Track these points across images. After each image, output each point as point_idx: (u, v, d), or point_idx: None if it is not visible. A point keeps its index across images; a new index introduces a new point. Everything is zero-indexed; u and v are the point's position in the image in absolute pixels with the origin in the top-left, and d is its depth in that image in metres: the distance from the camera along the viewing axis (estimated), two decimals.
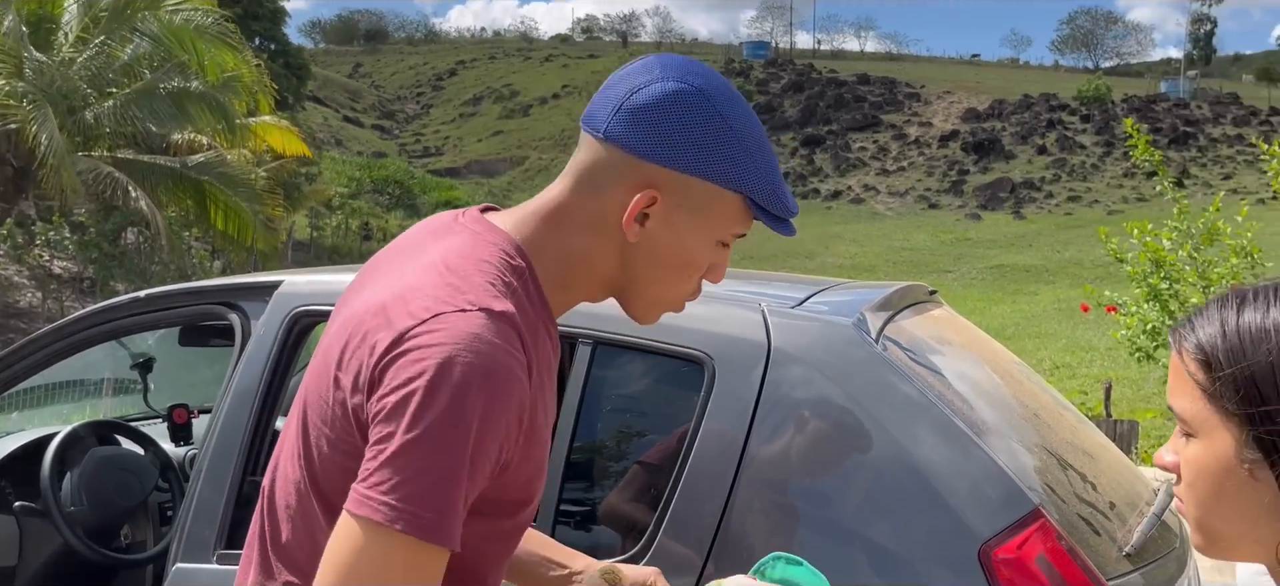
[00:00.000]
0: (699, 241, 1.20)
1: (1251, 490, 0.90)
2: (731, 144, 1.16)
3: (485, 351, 1.06)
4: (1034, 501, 1.71)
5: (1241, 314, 0.91)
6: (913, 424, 1.78)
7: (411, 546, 1.03)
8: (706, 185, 1.16)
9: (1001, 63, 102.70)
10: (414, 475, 1.03)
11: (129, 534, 2.96)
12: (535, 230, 1.20)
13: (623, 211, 1.16)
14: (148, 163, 14.55)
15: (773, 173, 1.19)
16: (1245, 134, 50.02)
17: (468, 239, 1.18)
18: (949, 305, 2.61)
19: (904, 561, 1.72)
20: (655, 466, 1.94)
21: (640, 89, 1.16)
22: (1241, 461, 0.89)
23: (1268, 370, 0.87)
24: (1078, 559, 1.69)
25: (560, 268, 1.20)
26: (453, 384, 1.03)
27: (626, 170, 1.16)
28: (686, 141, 1.14)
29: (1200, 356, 0.93)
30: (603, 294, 1.26)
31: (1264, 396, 0.87)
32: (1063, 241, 35.77)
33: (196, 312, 2.61)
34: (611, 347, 2.01)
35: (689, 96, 1.15)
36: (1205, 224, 8.36)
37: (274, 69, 22.90)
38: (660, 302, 1.26)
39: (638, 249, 1.19)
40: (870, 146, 60.32)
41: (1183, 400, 0.95)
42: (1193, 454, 0.94)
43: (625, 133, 1.15)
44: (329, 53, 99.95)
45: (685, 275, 1.22)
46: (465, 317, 1.07)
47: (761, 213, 1.19)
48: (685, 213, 1.17)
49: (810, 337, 1.90)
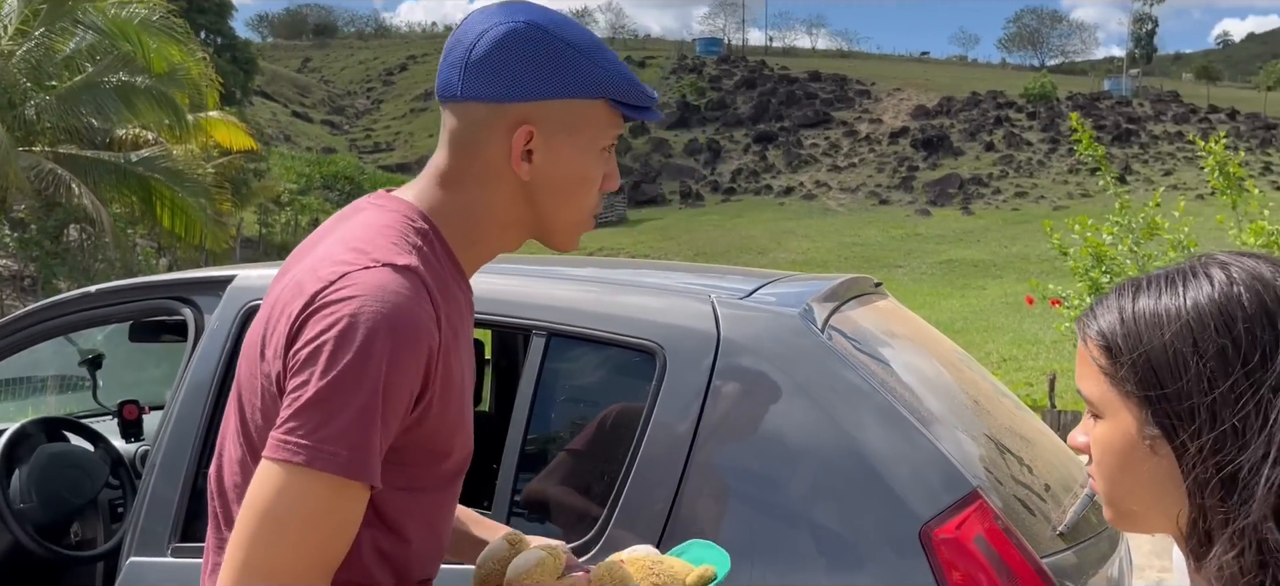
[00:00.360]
0: (585, 156, 1.28)
1: (1153, 465, 0.96)
2: (577, 58, 1.24)
3: (391, 300, 1.12)
4: (972, 484, 1.78)
5: (1136, 301, 0.98)
6: (857, 411, 1.84)
7: (329, 484, 1.09)
8: (570, 103, 1.24)
9: (950, 60, 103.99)
10: (327, 417, 1.09)
11: (79, 531, 2.94)
12: (435, 195, 1.28)
13: (508, 157, 1.24)
14: (91, 158, 14.28)
15: (622, 69, 1.28)
16: (1185, 131, 51.18)
17: (371, 214, 1.26)
18: (897, 299, 2.68)
19: (849, 542, 1.78)
20: (606, 453, 1.98)
21: (477, 43, 1.23)
22: (1143, 438, 0.95)
23: (1161, 353, 0.93)
24: (1013, 538, 1.76)
25: (465, 225, 1.27)
26: (361, 331, 1.10)
27: (496, 118, 1.23)
28: (538, 71, 1.22)
29: (1102, 342, 0.99)
30: (517, 239, 1.33)
31: (1160, 378, 0.93)
32: (1010, 236, 36.38)
33: (149, 307, 2.60)
34: (565, 339, 2.05)
35: (522, 31, 1.23)
36: (1145, 219, 8.58)
37: (221, 64, 22.57)
38: (573, 224, 1.33)
39: (534, 185, 1.26)
40: (822, 143, 60.80)
41: (1088, 383, 1.01)
42: (1100, 433, 1.00)
43: (481, 86, 1.23)
44: (277, 47, 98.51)
45: (584, 191, 1.30)
46: (371, 273, 1.14)
47: (627, 108, 1.28)
48: (563, 134, 1.25)
49: (758, 328, 1.96)
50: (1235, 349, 0.90)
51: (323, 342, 1.10)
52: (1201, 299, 0.94)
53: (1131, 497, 1.00)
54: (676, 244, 40.19)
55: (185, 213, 14.31)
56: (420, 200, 1.28)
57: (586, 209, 1.32)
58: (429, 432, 1.22)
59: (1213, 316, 0.92)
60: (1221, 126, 54.63)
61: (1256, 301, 0.92)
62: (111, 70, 13.55)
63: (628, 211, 52.64)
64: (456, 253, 1.28)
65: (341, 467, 1.09)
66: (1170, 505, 0.95)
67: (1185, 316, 0.93)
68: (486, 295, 2.19)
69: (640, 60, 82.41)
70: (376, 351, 1.10)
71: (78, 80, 13.53)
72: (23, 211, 17.57)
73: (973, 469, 1.84)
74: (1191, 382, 0.91)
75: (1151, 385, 0.94)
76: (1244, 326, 0.91)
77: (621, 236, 44.08)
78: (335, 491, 1.10)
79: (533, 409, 2.02)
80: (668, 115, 67.52)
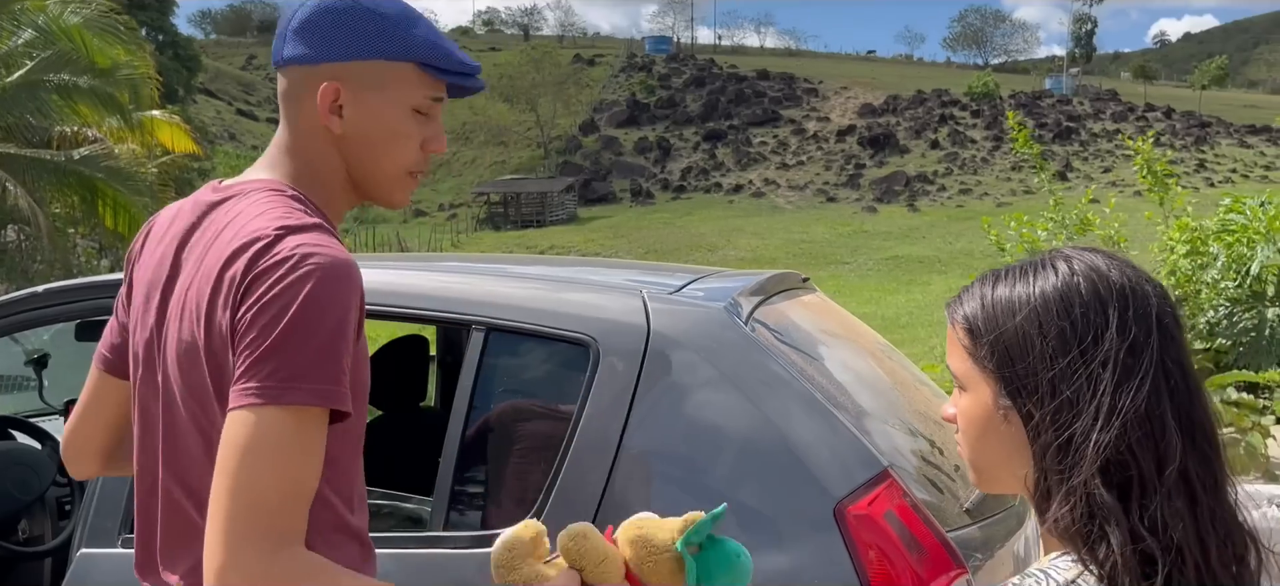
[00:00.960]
0: (392, 112, 1.38)
1: (1006, 432, 1.10)
2: (386, 24, 1.36)
3: (326, 250, 1.24)
4: (883, 464, 1.91)
5: (995, 289, 1.13)
6: (777, 398, 1.97)
7: (299, 415, 1.18)
8: (376, 63, 1.36)
9: (896, 59, 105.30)
10: (291, 357, 1.18)
11: (27, 528, 2.97)
12: (285, 166, 1.40)
13: (319, 113, 1.36)
14: (29, 157, 14.00)
15: (432, 37, 1.38)
16: (1123, 129, 52.37)
17: (249, 198, 1.35)
18: (845, 295, 2.81)
19: (769, 519, 1.90)
20: (543, 441, 2.09)
21: (296, 12, 1.38)
22: (997, 408, 1.10)
23: (1013, 334, 1.08)
24: (921, 513, 1.89)
25: (314, 185, 1.40)
26: (311, 279, 1.21)
27: (309, 79, 1.36)
28: (344, 33, 1.35)
29: (966, 325, 1.13)
30: (351, 197, 1.44)
31: (1011, 355, 1.08)
32: (954, 233, 37.03)
33: (97, 306, 2.65)
34: (503, 333, 2.15)
35: (334, 4, 1.36)
36: (1077, 215, 8.87)
37: (163, 61, 22.21)
38: (391, 178, 1.43)
39: (347, 138, 1.38)
40: (770, 141, 61.32)
41: (955, 360, 1.16)
42: (964, 405, 1.15)
43: (296, 50, 1.36)
44: (221, 44, 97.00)
45: (397, 146, 1.40)
46: (303, 232, 1.27)
47: (439, 72, 1.39)
48: (370, 92, 1.36)
49: (686, 321, 2.07)
50: (1073, 330, 1.05)
51: (274, 296, 1.20)
52: (1047, 287, 1.08)
53: (988, 461, 1.14)
54: (627, 242, 40.33)
55: (128, 212, 14.09)
56: (273, 174, 1.40)
57: (401, 163, 1.42)
58: (358, 363, 1.33)
59: (1055, 303, 1.07)
60: (1157, 124, 55.97)
61: (1092, 290, 1.07)
62: (52, 68, 13.31)
63: (578, 209, 52.71)
64: (324, 210, 1.40)
65: (312, 398, 1.19)
66: (1019, 467, 1.09)
67: (1033, 302, 1.08)
68: (430, 292, 2.30)
69: (590, 58, 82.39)
70: (325, 292, 1.21)
71: (15, 78, 13.27)
72: None
73: (885, 450, 1.98)
74: (1037, 360, 1.06)
75: (1004, 362, 1.08)
76: (1080, 311, 1.05)
77: (572, 234, 44.13)
78: (308, 422, 1.19)
79: (473, 400, 2.12)
80: (617, 113, 67.58)
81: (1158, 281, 1.12)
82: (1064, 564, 1.05)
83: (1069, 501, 1.02)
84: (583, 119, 67.96)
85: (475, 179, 62.08)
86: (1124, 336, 1.04)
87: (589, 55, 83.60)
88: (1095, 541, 1.01)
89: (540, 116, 64.42)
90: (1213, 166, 49.83)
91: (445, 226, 51.21)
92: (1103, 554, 1.01)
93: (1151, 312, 1.07)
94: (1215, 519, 1.04)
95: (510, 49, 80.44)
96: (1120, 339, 1.04)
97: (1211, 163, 50.74)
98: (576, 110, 68.05)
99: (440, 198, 59.93)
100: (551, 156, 63.56)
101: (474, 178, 62.60)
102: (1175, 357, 1.06)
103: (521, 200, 53.13)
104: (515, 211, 52.47)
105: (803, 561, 1.85)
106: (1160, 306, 1.08)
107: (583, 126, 67.15)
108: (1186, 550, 1.00)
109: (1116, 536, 1.00)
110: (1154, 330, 1.06)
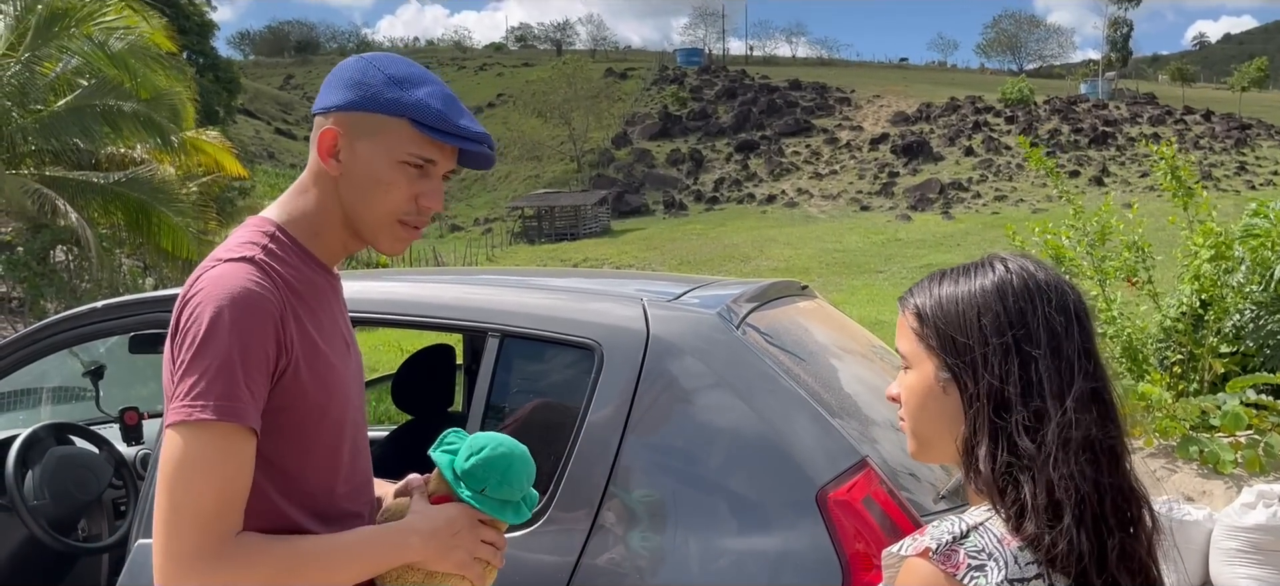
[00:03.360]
0: (380, 161, 1.53)
1: (943, 401, 1.31)
2: (388, 81, 1.52)
3: (228, 282, 1.42)
4: (862, 453, 2.09)
5: (942, 285, 1.36)
6: (765, 394, 2.16)
7: (209, 431, 1.36)
8: (371, 115, 1.51)
9: (929, 66, 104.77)
10: (198, 376, 1.37)
11: (86, 526, 3.22)
12: (286, 202, 1.59)
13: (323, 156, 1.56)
14: (78, 179, 14.46)
15: (430, 102, 1.52)
16: (1161, 133, 51.80)
17: (236, 231, 1.58)
18: (873, 302, 2.99)
19: (757, 505, 2.08)
20: (553, 436, 2.29)
21: (330, 75, 1.57)
22: (938, 381, 1.32)
23: (956, 319, 1.31)
24: (896, 499, 2.07)
25: (307, 221, 1.57)
26: (209, 309, 1.39)
27: (319, 125, 1.54)
28: (346, 86, 1.52)
29: (915, 312, 1.36)
30: (347, 237, 1.60)
31: (953, 336, 1.30)
32: (990, 240, 36.75)
33: (149, 320, 2.87)
34: (516, 339, 2.36)
35: (352, 60, 1.55)
36: (1099, 222, 8.94)
37: (203, 83, 22.73)
38: (379, 223, 1.57)
39: (342, 181, 1.54)
40: (803, 151, 61.26)
41: (904, 342, 1.38)
42: (908, 381, 1.36)
43: (318, 101, 1.56)
44: (259, 65, 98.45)
45: (384, 193, 1.54)
46: (215, 269, 1.46)
47: (435, 133, 1.52)
48: (363, 140, 1.52)
49: (683, 326, 2.27)
50: (1006, 315, 1.28)
51: (186, 326, 1.40)
52: (986, 283, 1.32)
53: (927, 428, 1.35)
54: (660, 254, 40.53)
55: (171, 231, 14.51)
56: (275, 209, 1.59)
57: (388, 209, 1.55)
58: (302, 386, 1.49)
59: (991, 295, 1.30)
60: (1197, 127, 55.24)
61: (1022, 285, 1.30)
62: (98, 93, 13.74)
63: (612, 222, 52.99)
64: (306, 246, 1.56)
65: (219, 412, 1.35)
66: (954, 431, 1.31)
67: (973, 293, 1.31)
68: (450, 303, 2.51)
69: (622, 71, 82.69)
70: (223, 318, 1.38)
71: (63, 103, 13.71)
72: (10, 234, 17.74)
73: (863, 441, 2.16)
74: (974, 339, 1.28)
75: (946, 340, 1.31)
76: (1013, 301, 1.29)
77: (605, 247, 44.40)
78: (217, 436, 1.36)
79: (489, 400, 2.33)
80: (649, 125, 67.81)
81: (1072, 282, 1.34)
82: (979, 512, 1.27)
83: (993, 451, 1.24)
84: (615, 132, 68.37)
85: (510, 193, 62.64)
86: (1048, 323, 1.27)
87: (621, 69, 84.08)
88: (1007, 487, 1.23)
89: (573, 130, 64.93)
90: (1254, 169, 49.20)
91: (480, 241, 51.75)
92: (1011, 497, 1.23)
93: (1070, 305, 1.30)
94: (1113, 481, 1.26)
95: (543, 64, 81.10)
96: (1046, 325, 1.27)
97: (1252, 165, 50.10)
98: (609, 124, 68.49)
99: (476, 213, 60.55)
100: (585, 170, 64.01)
101: (509, 192, 63.18)
102: (1088, 345, 1.30)
103: (556, 214, 53.57)
104: (549, 225, 52.92)
105: (788, 543, 2.03)
106: (1076, 301, 1.31)
107: (615, 140, 67.56)
108: (1087, 501, 1.22)
109: (1029, 485, 1.22)
110: (1073, 320, 1.29)
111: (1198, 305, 7.27)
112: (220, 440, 1.36)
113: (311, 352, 1.51)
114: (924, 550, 1.23)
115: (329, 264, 1.62)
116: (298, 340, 1.48)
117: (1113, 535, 1.24)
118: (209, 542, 1.35)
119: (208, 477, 1.36)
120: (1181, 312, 7.34)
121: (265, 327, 1.42)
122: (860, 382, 2.58)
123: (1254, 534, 4.32)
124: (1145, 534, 1.29)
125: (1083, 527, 1.21)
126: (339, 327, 1.63)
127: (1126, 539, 1.26)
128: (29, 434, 3.15)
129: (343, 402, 1.59)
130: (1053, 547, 1.19)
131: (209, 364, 1.37)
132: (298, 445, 1.52)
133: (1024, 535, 1.21)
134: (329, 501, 1.58)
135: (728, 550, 2.05)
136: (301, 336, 1.49)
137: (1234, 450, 5.51)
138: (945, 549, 1.22)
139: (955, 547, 1.22)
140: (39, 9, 13.17)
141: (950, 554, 1.22)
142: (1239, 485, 5.13)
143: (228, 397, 1.37)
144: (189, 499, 1.35)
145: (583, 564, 2.11)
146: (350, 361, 1.65)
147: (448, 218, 58.34)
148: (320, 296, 1.58)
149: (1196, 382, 7.00)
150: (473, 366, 3.80)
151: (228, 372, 1.37)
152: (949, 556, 1.22)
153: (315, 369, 1.51)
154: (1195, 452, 5.51)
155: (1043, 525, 1.20)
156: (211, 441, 1.36)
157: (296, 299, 1.50)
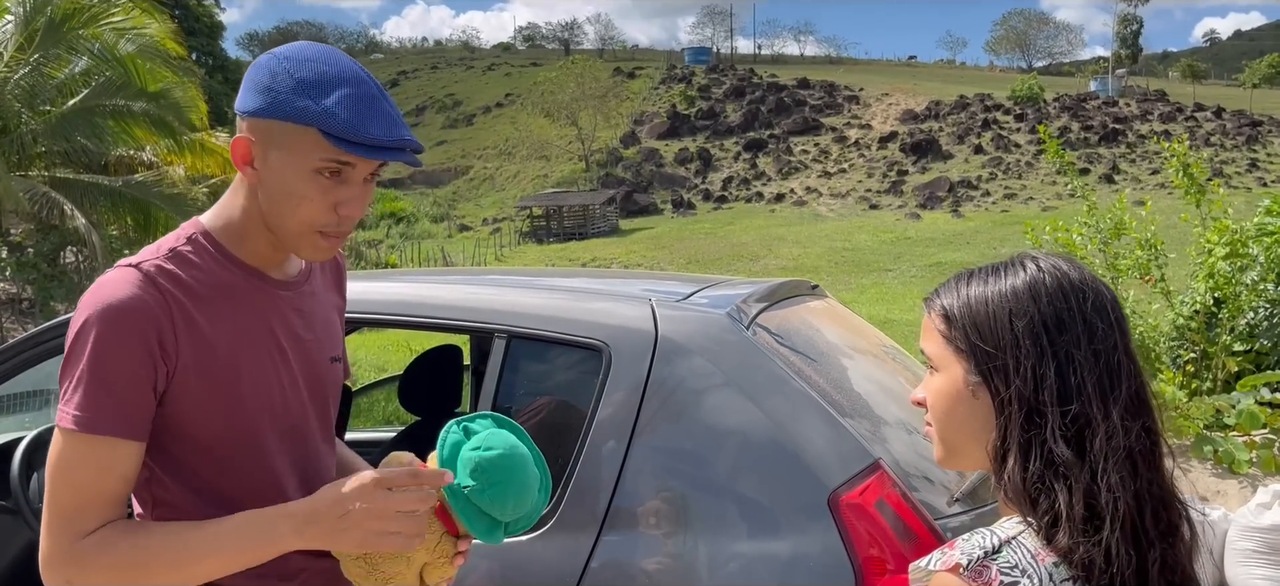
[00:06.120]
0: (292, 172, 1.43)
1: (973, 405, 1.26)
2: (298, 88, 1.41)
3: (101, 293, 1.41)
4: (875, 456, 2.06)
5: (970, 286, 1.30)
6: (776, 396, 2.12)
7: (81, 439, 1.38)
8: (280, 124, 1.42)
9: (938, 64, 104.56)
10: (69, 384, 1.40)
11: None
12: (220, 204, 1.56)
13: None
14: (87, 182, 14.49)
15: (346, 112, 1.40)
16: (1172, 130, 51.56)
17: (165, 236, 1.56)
18: (883, 300, 2.96)
19: (768, 509, 2.05)
20: (561, 437, 2.26)
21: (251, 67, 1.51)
22: (967, 385, 1.26)
23: (986, 320, 1.25)
24: (909, 502, 2.03)
25: (234, 225, 1.53)
26: (80, 319, 1.40)
27: (238, 128, 1.48)
28: (256, 90, 1.43)
29: (943, 313, 1.30)
30: (271, 240, 1.52)
31: (983, 337, 1.24)
32: (1000, 238, 36.65)
33: None
34: (523, 339, 2.33)
35: (265, 60, 1.46)
36: (1112, 219, 8.87)
37: (213, 84, 22.79)
38: (296, 233, 1.48)
39: (260, 189, 1.48)
40: (811, 149, 61.14)
41: (930, 344, 1.32)
42: (935, 384, 1.31)
43: (237, 100, 1.49)
44: None
45: (297, 203, 1.45)
46: (102, 278, 1.44)
47: (344, 144, 1.40)
48: (275, 149, 1.44)
49: (691, 326, 2.24)
50: (1040, 319, 1.22)
51: (68, 335, 1.41)
52: (1017, 283, 1.26)
53: (955, 433, 1.29)
54: (669, 253, 40.46)
55: None
56: (209, 212, 1.56)
57: (304, 220, 1.46)
58: (195, 396, 1.45)
59: (1024, 296, 1.24)
60: (1208, 123, 54.96)
61: (1056, 286, 1.24)
62: (106, 95, 13.76)
63: (620, 221, 52.95)
64: (231, 249, 1.52)
65: (84, 424, 1.38)
66: (983, 439, 1.25)
67: (1005, 295, 1.25)
68: (457, 303, 2.48)
69: (630, 71, 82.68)
70: (86, 331, 1.39)
71: (72, 104, 13.74)
72: (19, 235, 17.81)
73: (876, 443, 2.12)
74: (1006, 342, 1.23)
75: (977, 343, 1.25)
76: (1047, 303, 1.23)
77: (614, 246, 44.36)
78: (88, 444, 1.38)
79: (496, 401, 2.30)
80: (657, 125, 67.78)
81: (1106, 283, 1.29)
82: (1011, 524, 1.21)
83: (1026, 459, 1.18)
84: (623, 131, 68.30)
85: (518, 193, 62.63)
86: (1088, 324, 1.21)
87: (629, 68, 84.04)
88: (1040, 496, 1.18)
89: (581, 130, 64.88)
90: (1265, 166, 48.91)
91: (489, 241, 51.74)
92: (1044, 507, 1.17)
93: (1106, 306, 1.24)
94: (1152, 488, 1.20)
95: (551, 64, 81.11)
96: (1085, 326, 1.21)
97: (1264, 162, 49.81)
98: (617, 123, 68.41)
99: (484, 213, 60.57)
100: (593, 169, 63.96)
101: (517, 192, 63.17)
102: (1128, 346, 1.24)
103: (564, 213, 53.52)
104: (558, 224, 52.88)
105: (799, 547, 1.99)
106: (1113, 301, 1.26)
107: (624, 139, 67.52)
108: (1126, 512, 1.16)
109: (1064, 494, 1.16)
110: (1112, 322, 1.23)
111: (1211, 303, 7.20)
112: (81, 447, 1.39)
113: (206, 358, 1.45)
114: (954, 565, 1.18)
115: (262, 267, 1.55)
116: (187, 347, 1.44)
117: (1153, 546, 1.18)
118: (62, 542, 1.39)
119: (66, 482, 1.40)
120: (1195, 310, 7.28)
121: (133, 335, 1.40)
122: (872, 383, 2.55)
123: (1270, 534, 4.26)
124: (1183, 543, 1.23)
125: (1123, 539, 1.15)
126: (271, 333, 1.55)
127: (1167, 549, 1.20)
128: (35, 436, 3.13)
129: (262, 411, 1.53)
130: (1089, 561, 1.14)
131: (75, 373, 1.39)
132: (210, 460, 1.49)
133: (1057, 548, 1.16)
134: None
135: (738, 554, 2.02)
136: (194, 343, 1.44)
137: (1249, 449, 5.45)
138: (976, 565, 1.17)
139: (987, 563, 1.17)
140: (48, 10, 13.19)
141: (981, 570, 1.16)
142: (1254, 485, 5.07)
143: (85, 408, 1.38)
144: (54, 502, 1.40)
145: (590, 568, 2.07)
146: (287, 368, 1.56)
147: (456, 218, 58.36)
148: (238, 301, 1.51)
149: (1210, 381, 6.94)
150: (480, 367, 3.77)
151: (86, 383, 1.38)
152: (980, 573, 1.16)
153: (212, 376, 1.46)
154: (1209, 452, 5.45)
155: (1078, 536, 1.14)
156: (73, 448, 1.39)
157: (196, 304, 1.46)
